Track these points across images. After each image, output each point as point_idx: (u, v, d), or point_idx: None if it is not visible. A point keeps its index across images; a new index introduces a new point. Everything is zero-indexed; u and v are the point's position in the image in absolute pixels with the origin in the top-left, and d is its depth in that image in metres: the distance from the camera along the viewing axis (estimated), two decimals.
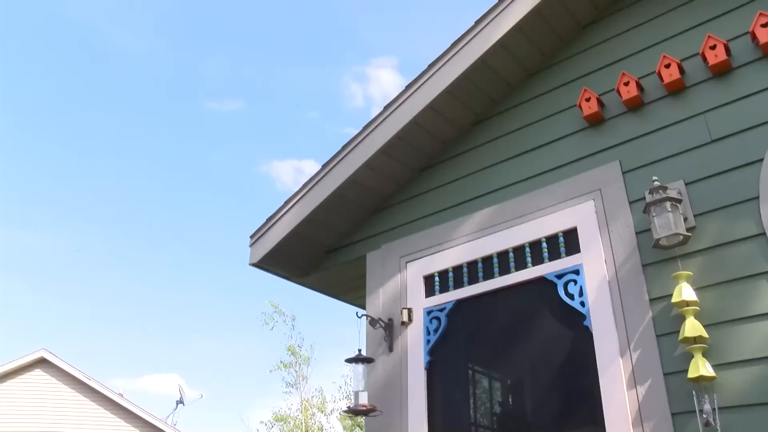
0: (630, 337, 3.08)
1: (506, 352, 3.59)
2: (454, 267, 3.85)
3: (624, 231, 3.28)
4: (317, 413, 19.58)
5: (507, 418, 3.57)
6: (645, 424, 2.91)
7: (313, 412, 19.09)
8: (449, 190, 4.13)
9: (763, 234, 2.92)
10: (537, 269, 3.50)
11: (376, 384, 3.88)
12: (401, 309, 3.92)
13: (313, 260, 4.70)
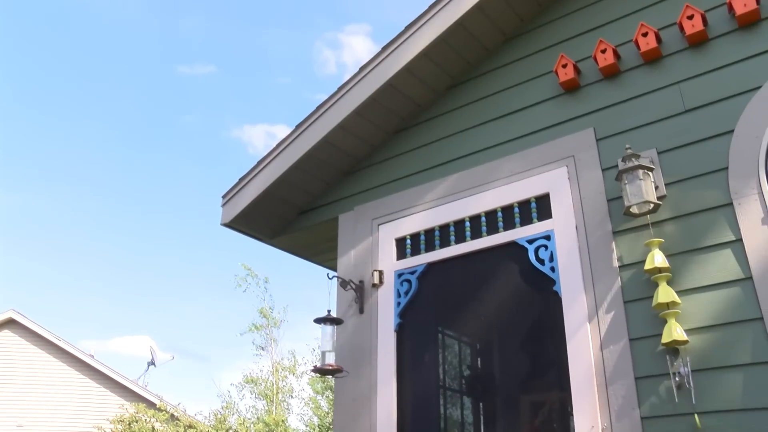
0: (598, 302, 3.12)
1: (476, 316, 3.62)
2: (426, 230, 3.86)
3: (596, 198, 3.30)
4: (289, 375, 19.67)
5: (475, 380, 3.61)
6: (609, 387, 2.97)
7: (285, 374, 19.19)
8: (423, 153, 4.12)
9: (731, 204, 2.96)
10: (508, 234, 3.51)
11: (346, 345, 3.89)
12: (372, 271, 3.92)
13: (285, 221, 4.67)
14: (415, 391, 3.63)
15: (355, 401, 3.75)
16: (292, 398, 19.30)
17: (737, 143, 3.03)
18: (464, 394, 3.62)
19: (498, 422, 3.41)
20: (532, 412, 3.31)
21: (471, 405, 3.59)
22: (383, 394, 3.64)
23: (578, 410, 3.01)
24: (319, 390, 18.64)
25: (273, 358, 19.32)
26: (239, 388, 19.53)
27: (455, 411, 3.62)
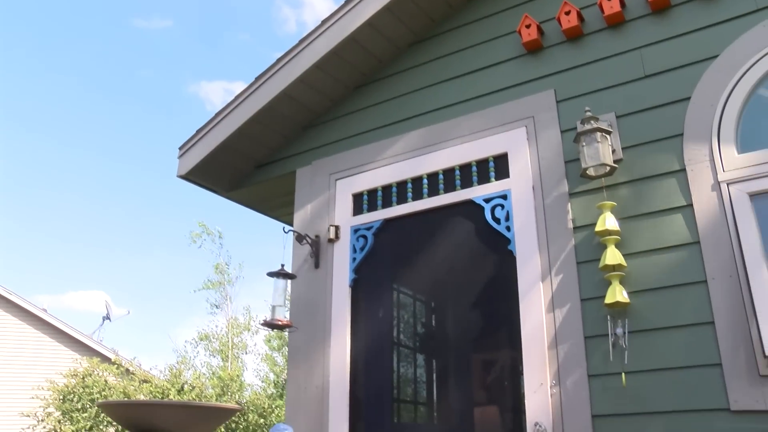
0: (552, 262, 3.16)
1: (431, 274, 3.64)
2: (383, 186, 3.84)
3: (553, 159, 3.31)
4: (244, 332, 19.70)
5: (429, 338, 3.65)
6: (559, 346, 3.02)
7: (240, 331, 19.22)
8: (383, 109, 4.08)
9: (684, 170, 3.00)
10: (465, 192, 3.52)
11: (301, 300, 3.89)
12: (328, 226, 3.90)
13: (243, 174, 4.61)
14: (369, 347, 3.65)
15: (308, 356, 3.75)
16: (246, 354, 19.39)
17: (693, 110, 3.06)
18: (418, 351, 3.65)
19: (450, 379, 3.46)
20: (484, 369, 3.36)
21: (424, 362, 3.62)
22: (336, 350, 3.65)
23: (528, 368, 3.06)
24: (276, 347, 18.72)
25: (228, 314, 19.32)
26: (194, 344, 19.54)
27: (408, 368, 3.65)
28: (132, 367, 13.61)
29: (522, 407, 3.04)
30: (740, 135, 2.97)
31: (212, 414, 3.26)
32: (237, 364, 18.30)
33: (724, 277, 2.78)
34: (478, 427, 3.24)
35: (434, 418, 3.48)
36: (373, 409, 3.55)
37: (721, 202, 2.88)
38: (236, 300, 28.32)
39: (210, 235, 20.09)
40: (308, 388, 3.69)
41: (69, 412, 11.56)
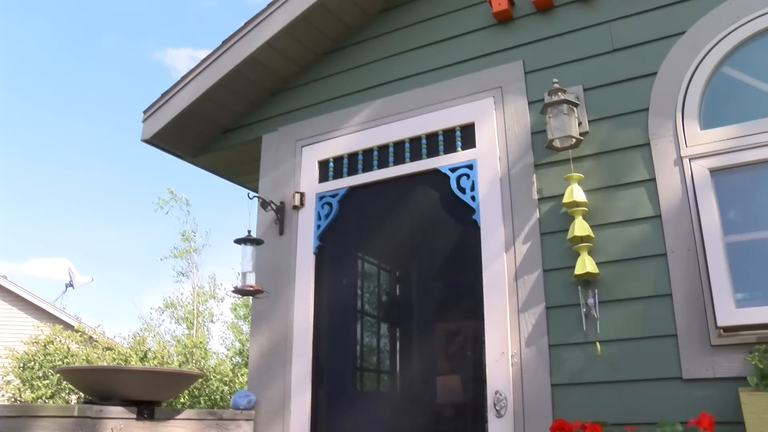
0: (516, 233, 3.18)
1: (395, 242, 3.64)
2: (349, 154, 3.82)
3: (520, 130, 3.32)
4: (209, 300, 19.63)
5: (392, 306, 3.66)
6: (522, 316, 3.06)
7: (205, 299, 19.14)
8: (351, 76, 4.04)
9: (648, 144, 3.03)
10: (431, 161, 3.51)
11: (265, 266, 3.87)
12: (294, 193, 3.88)
13: (208, 140, 4.55)
14: (333, 314, 3.65)
15: (272, 322, 3.75)
16: (212, 323, 19.34)
17: (659, 85, 3.09)
18: (381, 319, 3.66)
19: (413, 348, 3.48)
20: (447, 338, 3.39)
21: (387, 330, 3.64)
22: (300, 317, 3.65)
23: (490, 337, 3.09)
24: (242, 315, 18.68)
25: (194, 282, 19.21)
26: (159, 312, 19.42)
27: (371, 336, 3.67)
28: (95, 335, 13.50)
29: (484, 376, 3.07)
30: (703, 112, 3.01)
31: (174, 380, 3.25)
32: (202, 332, 18.23)
33: (683, 250, 2.82)
34: (440, 396, 3.27)
35: (397, 386, 3.51)
36: (336, 377, 3.56)
37: (683, 177, 2.92)
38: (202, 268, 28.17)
39: (177, 202, 19.88)
40: (271, 355, 3.69)
41: (29, 380, 11.45)
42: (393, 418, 3.34)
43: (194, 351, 12.29)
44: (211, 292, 19.23)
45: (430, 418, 3.25)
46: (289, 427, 3.50)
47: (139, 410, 2.95)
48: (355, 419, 3.41)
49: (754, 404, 2.36)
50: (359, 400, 3.50)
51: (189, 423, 3.18)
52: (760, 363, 2.47)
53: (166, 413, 3.09)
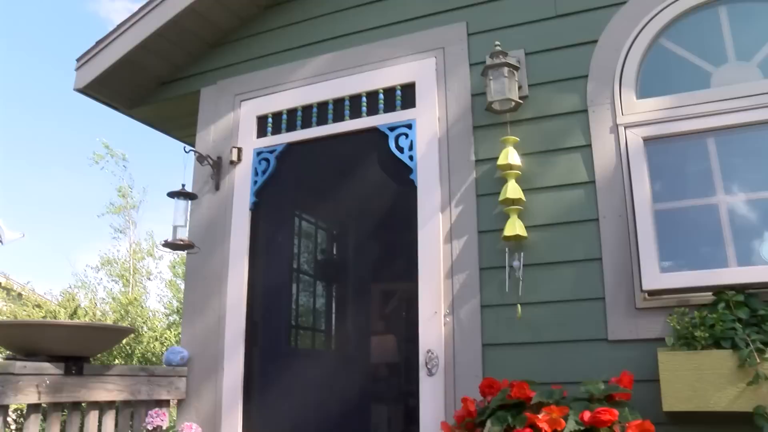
0: (452, 194, 3.19)
1: (333, 200, 3.62)
2: (288, 109, 3.76)
3: (460, 91, 3.32)
4: (147, 258, 19.27)
5: (328, 265, 3.66)
6: (455, 276, 3.09)
7: (142, 256, 18.77)
8: (293, 32, 3.95)
9: (586, 111, 3.07)
10: (371, 119, 3.49)
11: (200, 222, 3.81)
12: (231, 148, 3.80)
13: (145, 91, 4.41)
14: (268, 272, 3.63)
15: (206, 279, 3.70)
16: (150, 281, 19.02)
17: (599, 53, 3.12)
18: (318, 278, 3.66)
19: (349, 308, 3.49)
20: (383, 298, 3.41)
21: (324, 290, 3.64)
22: (235, 274, 3.61)
23: (423, 297, 3.12)
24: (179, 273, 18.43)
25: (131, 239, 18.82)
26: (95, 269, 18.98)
27: (308, 295, 3.66)
28: (24, 292, 13.14)
29: (417, 336, 3.10)
30: (640, 81, 3.06)
31: (102, 334, 3.19)
32: (138, 290, 17.93)
33: (615, 216, 2.89)
34: (375, 355, 3.30)
35: (332, 344, 3.53)
36: (271, 334, 3.55)
37: (617, 144, 2.98)
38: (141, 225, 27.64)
39: (114, 157, 19.29)
40: (205, 311, 3.66)
41: None
42: (327, 376, 3.36)
43: (129, 308, 12.09)
44: (149, 250, 18.85)
45: (364, 377, 3.28)
46: (222, 384, 3.48)
47: (67, 366, 2.88)
48: (289, 377, 3.42)
49: (669, 362, 2.46)
50: (294, 358, 3.51)
51: (120, 379, 3.13)
52: (677, 324, 2.57)
53: (96, 369, 3.03)
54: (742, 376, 2.35)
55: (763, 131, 2.81)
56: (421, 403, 3.01)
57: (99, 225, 36.21)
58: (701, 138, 2.88)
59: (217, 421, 3.43)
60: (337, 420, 3.25)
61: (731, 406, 2.35)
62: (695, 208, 2.82)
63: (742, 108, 2.82)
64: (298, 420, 3.33)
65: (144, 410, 3.27)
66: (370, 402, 3.23)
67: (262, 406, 3.43)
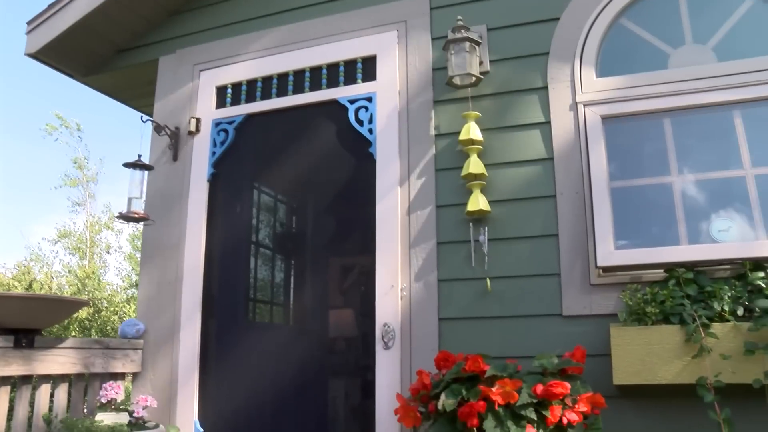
0: (411, 168, 3.19)
1: (292, 173, 3.58)
2: (248, 80, 3.71)
3: (422, 65, 3.31)
4: (104, 230, 18.96)
5: (286, 238, 3.63)
6: (412, 250, 3.10)
7: (100, 229, 18.46)
8: (254, 1, 3.88)
9: (546, 88, 3.09)
10: (331, 92, 3.46)
11: (158, 192, 3.75)
12: (189, 118, 3.74)
13: (101, 59, 4.30)
14: (226, 244, 3.59)
15: (162, 251, 3.65)
16: (109, 254, 18.75)
17: (560, 31, 3.13)
18: (276, 251, 3.63)
19: (307, 281, 3.48)
20: (341, 272, 3.40)
21: (282, 263, 3.62)
22: (192, 246, 3.57)
23: (380, 270, 3.12)
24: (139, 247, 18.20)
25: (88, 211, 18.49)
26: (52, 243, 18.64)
27: (265, 268, 3.64)
28: None
29: (374, 309, 3.11)
30: (600, 60, 3.08)
31: (54, 306, 3.12)
32: (96, 263, 17.66)
33: (572, 193, 2.92)
34: (332, 329, 3.30)
35: (290, 318, 3.51)
36: (227, 307, 3.53)
37: (576, 122, 3.00)
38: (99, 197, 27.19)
39: (68, 128, 18.82)
40: (161, 283, 3.61)
41: None
42: (285, 349, 3.35)
43: (87, 282, 11.91)
44: (106, 222, 18.55)
45: (321, 351, 3.28)
46: (178, 356, 3.46)
47: (17, 339, 2.83)
48: (246, 349, 3.40)
49: (621, 337, 2.51)
50: (251, 331, 3.49)
51: (73, 352, 3.09)
52: (630, 300, 2.62)
53: (48, 342, 2.98)
54: (688, 350, 2.41)
55: (717, 113, 2.86)
56: (377, 377, 3.02)
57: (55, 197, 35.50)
58: (658, 118, 2.92)
59: (173, 393, 3.41)
60: (294, 393, 3.25)
61: (677, 379, 2.41)
62: (650, 187, 2.87)
63: (698, 90, 2.87)
64: (254, 393, 3.32)
65: (98, 383, 3.23)
66: (328, 376, 3.24)
67: (218, 378, 3.41)
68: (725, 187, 2.76)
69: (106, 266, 18.22)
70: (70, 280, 13.10)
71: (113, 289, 13.49)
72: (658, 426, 2.61)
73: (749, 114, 2.82)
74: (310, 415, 3.20)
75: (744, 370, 2.34)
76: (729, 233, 2.66)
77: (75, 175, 18.86)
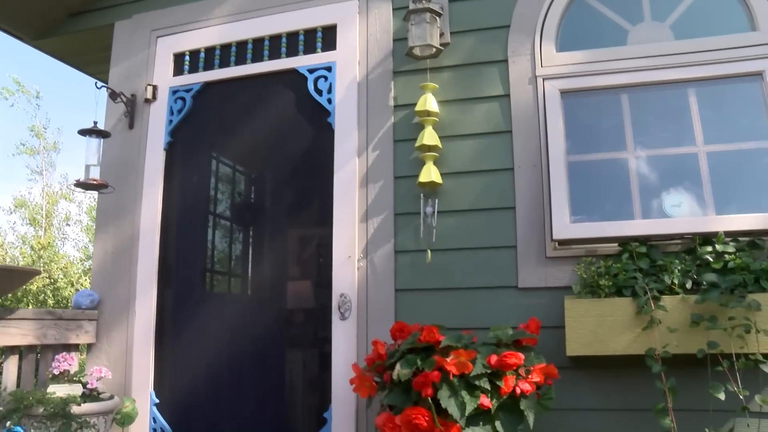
0: (369, 138, 3.18)
1: (250, 143, 3.54)
2: (206, 48, 3.63)
3: (382, 36, 3.28)
4: (64, 202, 18.55)
5: (244, 209, 3.59)
6: (370, 221, 3.09)
7: (56, 199, 18.04)
8: None
9: (506, 61, 3.09)
10: (290, 60, 3.42)
11: (113, 161, 3.67)
12: (146, 85, 3.66)
13: (54, 22, 4.17)
14: (182, 214, 3.54)
15: (117, 220, 3.59)
16: (68, 226, 18.37)
17: (522, 4, 3.13)
18: (233, 222, 3.59)
19: (264, 252, 3.45)
20: (299, 242, 3.38)
21: (239, 234, 3.58)
22: (147, 215, 3.52)
23: (337, 241, 3.12)
24: None
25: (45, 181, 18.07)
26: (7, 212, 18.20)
27: (223, 238, 3.60)
28: None
29: (331, 280, 3.11)
30: (561, 35, 3.09)
31: (4, 276, 3.05)
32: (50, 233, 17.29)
33: (529, 166, 2.94)
34: (290, 299, 3.29)
35: (247, 289, 3.49)
36: (184, 278, 3.49)
37: (535, 95, 3.01)
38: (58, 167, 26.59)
39: (26, 93, 18.28)
40: (116, 253, 3.55)
41: None
42: (241, 321, 3.33)
43: (42, 253, 11.68)
44: (64, 193, 18.14)
45: (279, 322, 3.27)
46: (133, 327, 3.42)
47: None
48: (203, 321, 3.38)
49: (574, 309, 2.55)
50: (208, 302, 3.46)
51: (24, 323, 3.03)
52: (584, 273, 2.65)
53: None
54: (638, 321, 2.46)
55: (673, 91, 2.90)
56: (333, 347, 3.03)
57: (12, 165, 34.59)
58: (616, 94, 2.95)
59: (128, 365, 3.38)
60: (251, 364, 3.24)
61: (627, 350, 2.46)
62: (606, 162, 2.89)
63: (655, 67, 2.90)
64: (211, 364, 3.31)
65: (51, 355, 3.18)
66: (285, 346, 3.23)
67: (174, 349, 3.39)
68: (679, 164, 2.80)
69: (65, 238, 17.87)
70: (25, 251, 12.83)
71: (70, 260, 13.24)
72: (609, 396, 2.67)
73: (703, 92, 2.86)
74: (266, 386, 3.20)
75: (690, 341, 2.40)
76: (681, 208, 2.70)
77: (32, 143, 18.38)
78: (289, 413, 3.16)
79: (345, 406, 2.98)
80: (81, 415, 2.83)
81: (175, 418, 3.32)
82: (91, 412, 2.89)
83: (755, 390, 2.46)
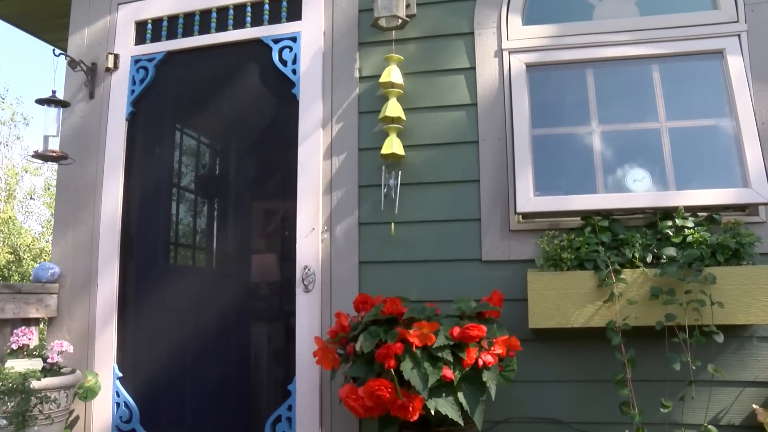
0: (334, 110, 3.15)
1: (213, 114, 3.48)
2: (169, 16, 3.55)
3: (348, 6, 3.24)
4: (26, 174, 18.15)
5: (208, 181, 3.54)
6: (333, 193, 3.08)
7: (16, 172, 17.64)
8: None
9: (472, 34, 3.07)
10: (255, 30, 3.36)
11: (73, 132, 3.58)
12: (107, 54, 3.57)
13: None
14: (145, 186, 3.48)
15: (78, 192, 3.52)
16: (33, 200, 18.00)
17: None
18: (197, 194, 3.55)
19: (228, 225, 3.42)
20: (264, 215, 3.35)
21: (204, 206, 3.54)
22: (109, 186, 3.45)
23: (301, 213, 3.10)
24: None
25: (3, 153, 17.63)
26: None
27: (187, 211, 3.55)
28: None
29: (296, 253, 3.09)
30: (527, 8, 3.08)
31: None
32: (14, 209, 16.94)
33: (494, 139, 2.94)
34: (254, 272, 3.27)
35: (212, 262, 3.46)
36: (147, 251, 3.44)
37: (501, 69, 3.01)
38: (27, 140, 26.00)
39: None
40: (77, 225, 3.49)
41: None
42: (206, 294, 3.30)
43: (3, 228, 11.44)
44: (25, 166, 17.74)
45: (243, 295, 3.25)
46: (95, 300, 3.37)
47: None
48: (166, 294, 3.34)
49: (537, 282, 2.57)
50: (172, 276, 3.42)
51: None
52: (547, 246, 2.68)
53: None
54: (600, 294, 2.50)
55: (636, 66, 2.92)
56: (297, 320, 3.03)
57: None
58: (581, 68, 2.96)
59: (90, 339, 3.34)
60: (215, 338, 3.22)
61: (589, 323, 2.50)
62: (570, 136, 2.91)
63: (620, 42, 2.91)
64: (175, 337, 3.28)
65: (9, 329, 3.12)
66: (249, 320, 3.22)
67: (137, 323, 3.35)
68: (641, 139, 2.82)
69: (29, 212, 17.51)
70: None
71: (33, 235, 12.98)
72: (570, 368, 2.71)
73: (666, 69, 2.88)
74: (231, 359, 3.19)
75: (649, 313, 2.45)
76: (643, 183, 2.73)
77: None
78: (254, 386, 3.16)
79: (309, 378, 2.98)
80: (41, 390, 2.80)
81: (138, 392, 3.29)
82: (51, 387, 2.86)
83: (709, 360, 2.52)
